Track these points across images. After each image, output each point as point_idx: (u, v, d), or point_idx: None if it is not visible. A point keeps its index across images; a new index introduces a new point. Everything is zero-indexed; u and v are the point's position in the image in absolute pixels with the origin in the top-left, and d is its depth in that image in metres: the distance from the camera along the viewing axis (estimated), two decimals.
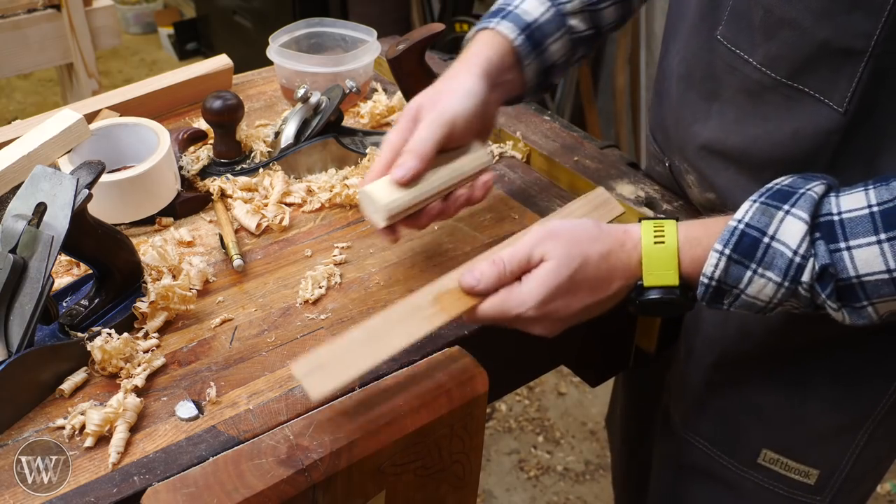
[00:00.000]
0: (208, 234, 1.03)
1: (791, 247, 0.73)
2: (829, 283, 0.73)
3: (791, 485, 0.99)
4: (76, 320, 0.85)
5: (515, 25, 0.96)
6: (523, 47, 0.96)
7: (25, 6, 1.83)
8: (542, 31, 0.97)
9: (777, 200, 0.75)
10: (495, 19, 0.97)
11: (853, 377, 0.92)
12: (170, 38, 4.18)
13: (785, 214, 0.74)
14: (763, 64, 0.83)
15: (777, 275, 0.74)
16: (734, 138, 0.89)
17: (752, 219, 0.75)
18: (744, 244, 0.75)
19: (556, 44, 0.99)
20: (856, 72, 0.76)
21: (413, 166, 0.87)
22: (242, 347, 0.86)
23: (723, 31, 0.87)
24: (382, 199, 0.87)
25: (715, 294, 0.78)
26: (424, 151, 0.87)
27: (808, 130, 0.82)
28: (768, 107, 0.85)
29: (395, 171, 0.87)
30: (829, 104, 0.80)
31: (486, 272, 0.79)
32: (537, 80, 1.00)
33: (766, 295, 0.75)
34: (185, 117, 1.25)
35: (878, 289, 0.72)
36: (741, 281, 0.76)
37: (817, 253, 0.73)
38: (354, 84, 1.18)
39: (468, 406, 0.82)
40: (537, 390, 2.46)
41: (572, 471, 2.23)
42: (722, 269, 0.76)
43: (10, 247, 0.78)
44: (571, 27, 0.99)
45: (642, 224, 0.81)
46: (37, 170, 0.81)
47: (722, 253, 0.75)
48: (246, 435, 0.76)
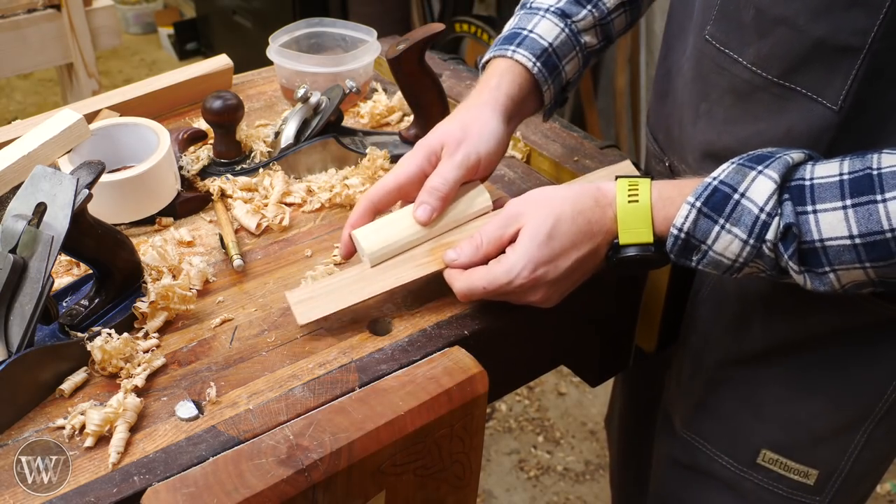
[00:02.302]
0: (208, 234, 1.03)
1: (758, 204, 0.75)
2: (791, 244, 0.74)
3: (790, 485, 0.99)
4: (76, 320, 0.85)
5: (531, 53, 0.96)
6: (541, 74, 0.97)
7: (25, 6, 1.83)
8: (557, 55, 0.98)
9: (753, 162, 0.77)
10: (511, 47, 0.97)
11: (852, 377, 0.92)
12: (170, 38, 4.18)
13: (757, 174, 0.76)
14: (754, 63, 0.83)
15: (743, 231, 0.76)
16: (726, 139, 0.90)
17: (727, 176, 0.77)
18: (715, 199, 0.77)
19: (571, 63, 1.00)
20: (852, 69, 0.76)
21: (437, 207, 0.89)
22: (242, 347, 0.86)
23: (711, 30, 0.87)
24: (368, 248, 0.88)
25: (684, 247, 0.79)
26: (448, 193, 0.89)
27: (801, 129, 0.82)
28: (759, 106, 0.85)
29: (419, 211, 0.88)
30: (822, 102, 0.80)
31: (463, 246, 0.85)
32: (554, 100, 1.02)
33: (733, 252, 0.77)
34: (185, 117, 1.25)
35: (840, 254, 0.73)
36: (709, 235, 0.77)
37: (783, 212, 0.74)
38: (354, 84, 1.18)
39: (468, 406, 0.82)
40: (537, 390, 2.46)
41: (572, 471, 2.23)
42: (691, 222, 0.78)
43: (10, 247, 0.78)
44: (584, 44, 1.01)
45: (617, 182, 0.83)
46: (37, 170, 0.81)
47: (693, 205, 0.78)
48: (246, 435, 0.76)
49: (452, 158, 0.89)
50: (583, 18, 0.99)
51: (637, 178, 0.83)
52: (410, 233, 0.89)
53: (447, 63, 1.42)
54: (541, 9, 1.00)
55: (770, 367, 0.96)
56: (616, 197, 0.82)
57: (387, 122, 1.28)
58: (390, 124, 1.28)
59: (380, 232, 0.89)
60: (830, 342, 0.91)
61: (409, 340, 0.87)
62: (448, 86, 1.31)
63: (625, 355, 1.13)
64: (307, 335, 0.88)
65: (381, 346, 0.86)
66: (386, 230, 0.89)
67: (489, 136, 0.91)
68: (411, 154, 0.91)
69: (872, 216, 0.71)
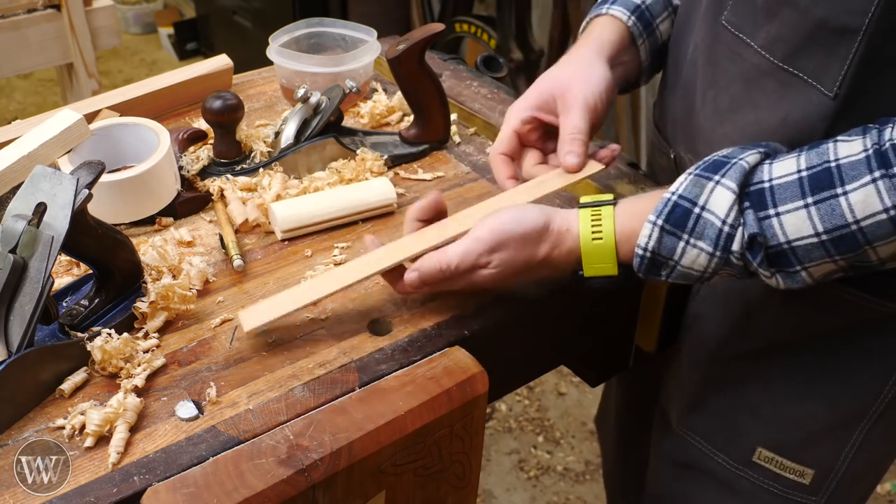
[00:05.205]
0: (208, 234, 1.03)
1: (720, 216, 0.75)
2: (758, 252, 0.75)
3: (786, 484, 0.99)
4: (76, 320, 0.85)
5: (626, 8, 1.04)
6: (636, 27, 1.04)
7: (25, 6, 1.83)
8: (650, 12, 1.05)
9: (709, 171, 0.77)
10: (605, 5, 1.06)
11: (847, 376, 0.92)
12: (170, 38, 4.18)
13: (715, 185, 0.76)
14: (763, 47, 0.84)
15: (708, 245, 0.76)
16: (727, 126, 0.90)
17: (685, 190, 0.78)
18: (675, 215, 0.77)
19: (665, 23, 1.06)
20: (849, 53, 0.77)
21: (582, 153, 0.94)
22: (242, 347, 0.86)
23: (727, 15, 0.88)
24: (279, 214, 1.01)
25: (651, 265, 0.80)
26: (586, 139, 0.95)
27: (797, 117, 0.82)
28: (761, 94, 0.85)
29: (569, 158, 0.94)
30: (819, 89, 0.80)
31: (432, 275, 0.85)
32: (650, 59, 1.07)
33: (700, 265, 0.78)
34: (185, 117, 1.25)
35: (809, 253, 0.74)
36: (675, 252, 0.78)
37: (746, 222, 0.75)
38: (354, 84, 1.18)
39: (468, 406, 0.82)
40: (537, 390, 2.46)
41: (572, 471, 2.23)
42: (655, 240, 0.78)
43: (10, 247, 0.78)
44: (676, 6, 1.06)
45: (580, 214, 0.84)
46: (37, 170, 0.81)
47: (655, 224, 0.78)
48: (246, 435, 0.76)
49: (574, 105, 0.94)
50: None
51: (600, 207, 0.83)
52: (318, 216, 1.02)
53: (447, 63, 1.42)
54: None
55: (766, 365, 0.96)
56: (579, 231, 0.83)
57: (387, 122, 1.28)
58: (390, 124, 1.28)
59: (293, 205, 1.02)
60: (826, 341, 0.91)
61: (409, 340, 0.87)
62: (448, 86, 1.31)
63: (625, 355, 1.13)
64: (307, 335, 0.88)
65: (381, 346, 0.86)
66: (296, 207, 1.02)
67: (598, 79, 0.96)
68: (524, 102, 0.98)
69: (835, 210, 0.71)
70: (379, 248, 0.90)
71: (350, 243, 1.02)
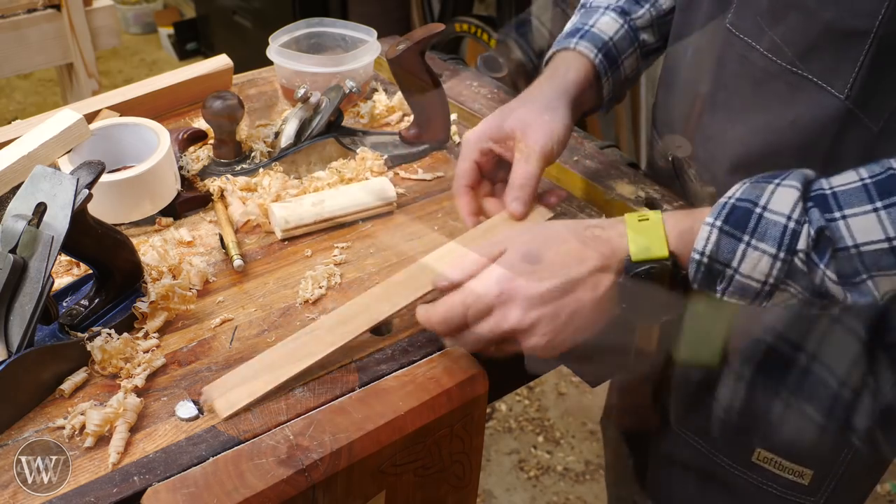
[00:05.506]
0: (208, 234, 1.03)
1: (784, 213, 0.71)
2: (826, 250, 0.70)
3: (785, 485, 0.99)
4: (76, 320, 0.85)
5: (593, 45, 1.02)
6: (602, 65, 1.01)
7: (25, 6, 1.83)
8: (617, 49, 1.03)
9: (767, 178, 0.75)
10: (574, 39, 1.02)
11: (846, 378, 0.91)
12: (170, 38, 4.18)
13: (776, 186, 0.73)
14: (769, 50, 0.83)
15: (772, 245, 0.71)
16: (738, 128, 0.90)
17: (744, 193, 0.74)
18: (735, 215, 0.73)
19: (630, 59, 1.05)
20: (859, 55, 0.76)
21: (528, 201, 0.94)
22: (242, 347, 0.86)
23: (732, 19, 0.88)
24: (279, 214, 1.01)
25: (707, 274, 0.75)
26: (535, 186, 0.94)
27: (807, 119, 0.82)
28: (770, 96, 0.85)
29: (514, 205, 0.93)
30: (830, 90, 0.79)
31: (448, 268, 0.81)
32: (612, 94, 1.05)
33: (761, 272, 0.72)
34: (185, 117, 1.25)
35: (878, 259, 0.69)
36: (734, 256, 0.73)
37: (811, 219, 0.71)
38: (354, 84, 1.18)
39: (468, 406, 0.82)
40: (537, 390, 2.46)
41: (572, 471, 2.23)
42: (713, 243, 0.73)
43: (10, 247, 0.78)
44: (643, 41, 1.05)
45: (626, 216, 0.81)
46: (37, 170, 0.81)
47: (713, 225, 0.74)
48: (246, 435, 0.76)
49: (529, 152, 0.93)
50: (641, 16, 1.04)
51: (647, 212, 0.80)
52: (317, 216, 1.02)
53: (447, 63, 1.42)
54: (601, 6, 1.05)
55: (765, 366, 0.96)
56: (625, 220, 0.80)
57: (387, 122, 1.28)
58: (390, 124, 1.28)
59: (293, 205, 1.03)
60: (826, 342, 0.91)
61: (409, 340, 0.87)
62: (448, 86, 1.31)
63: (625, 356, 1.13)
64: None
65: (381, 346, 0.86)
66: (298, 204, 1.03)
67: (559, 126, 0.95)
68: (481, 133, 0.96)
69: None
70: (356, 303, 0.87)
71: (350, 243, 1.02)
